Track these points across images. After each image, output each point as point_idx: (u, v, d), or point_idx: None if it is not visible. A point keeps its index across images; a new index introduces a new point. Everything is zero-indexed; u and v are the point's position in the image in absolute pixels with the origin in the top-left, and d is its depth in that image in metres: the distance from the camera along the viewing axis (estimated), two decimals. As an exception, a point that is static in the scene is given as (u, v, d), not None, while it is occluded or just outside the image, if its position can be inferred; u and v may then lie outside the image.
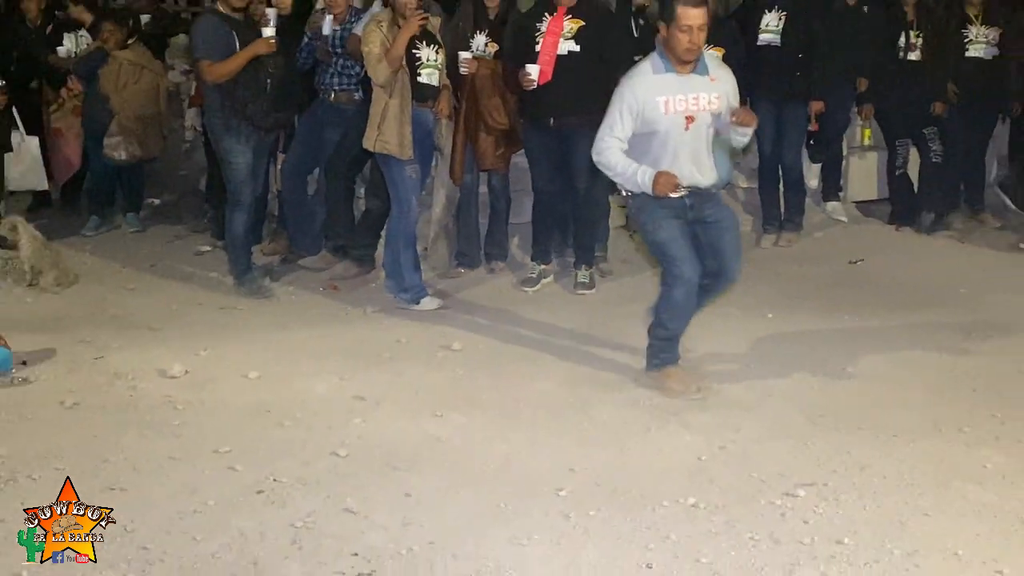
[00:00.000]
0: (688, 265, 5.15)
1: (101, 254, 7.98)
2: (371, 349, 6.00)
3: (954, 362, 5.66)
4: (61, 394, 5.30)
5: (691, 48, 4.93)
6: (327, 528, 4.00)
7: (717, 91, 5.10)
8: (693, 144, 5.12)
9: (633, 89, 5.06)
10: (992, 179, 8.59)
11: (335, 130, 7.11)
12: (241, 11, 6.74)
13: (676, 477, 4.41)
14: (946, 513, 4.06)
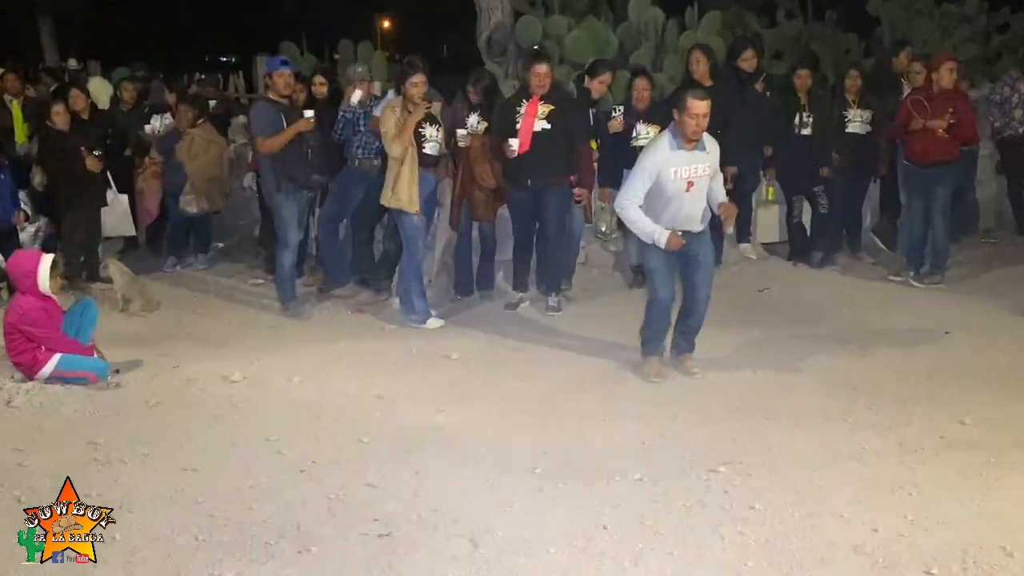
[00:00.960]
0: (664, 291, 5.38)
1: (177, 286, 7.94)
2: (388, 358, 5.99)
3: (838, 365, 5.67)
4: (146, 395, 5.30)
5: (696, 131, 5.11)
6: (354, 499, 4.01)
7: (709, 161, 5.27)
8: (691, 201, 5.26)
9: (653, 159, 5.17)
10: (867, 226, 8.62)
11: (360, 189, 7.11)
12: (286, 98, 6.78)
13: (625, 457, 4.42)
14: (833, 484, 4.08)
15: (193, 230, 8.62)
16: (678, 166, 5.15)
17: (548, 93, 6.67)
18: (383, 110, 6.55)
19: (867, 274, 7.87)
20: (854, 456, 4.35)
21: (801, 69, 8.06)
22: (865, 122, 7.79)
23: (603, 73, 7.27)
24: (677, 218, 5.26)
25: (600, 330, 6.49)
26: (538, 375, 5.63)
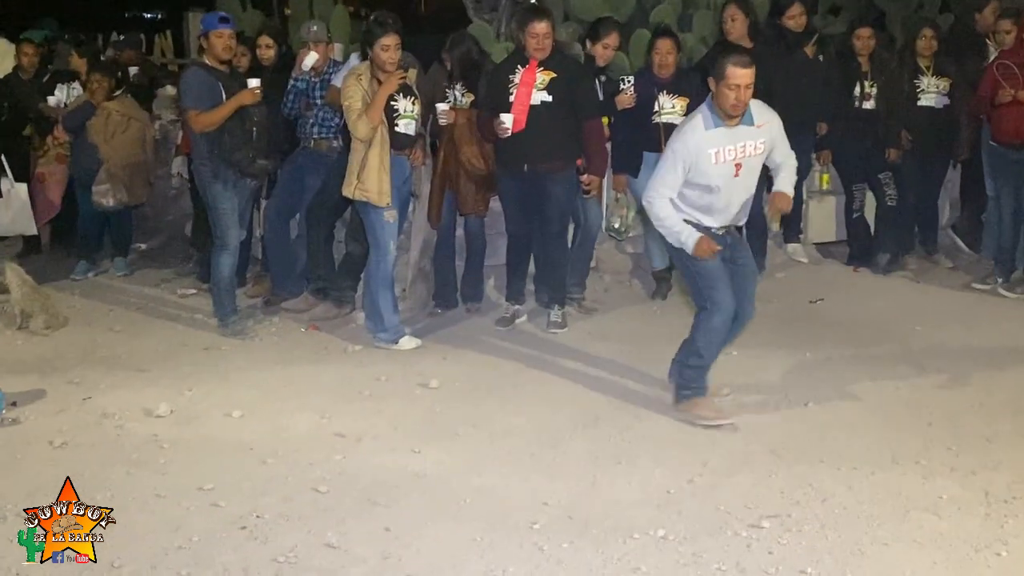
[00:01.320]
0: (728, 294, 5.26)
1: (90, 297, 7.95)
2: (352, 387, 5.99)
3: (910, 396, 5.70)
4: (50, 434, 5.26)
5: (737, 104, 5.08)
6: (309, 563, 3.99)
7: (763, 136, 5.24)
8: (742, 189, 5.28)
9: (686, 143, 5.15)
10: (945, 222, 8.66)
11: (316, 177, 7.14)
12: (226, 64, 6.79)
13: (645, 509, 4.42)
14: (904, 542, 4.08)
15: (109, 228, 8.63)
16: (720, 146, 5.15)
17: (548, 58, 6.70)
18: (346, 79, 6.55)
19: (945, 281, 7.92)
20: (929, 508, 4.36)
21: (862, 28, 8.11)
22: (942, 93, 7.85)
23: (608, 35, 7.32)
24: (727, 212, 5.29)
25: (614, 352, 6.51)
26: (537, 409, 5.62)
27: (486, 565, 3.95)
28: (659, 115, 7.28)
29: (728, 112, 5.13)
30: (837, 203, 8.35)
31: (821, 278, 8.02)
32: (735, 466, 4.85)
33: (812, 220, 8.45)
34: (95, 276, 8.48)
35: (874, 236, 8.17)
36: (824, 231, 8.49)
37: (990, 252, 7.82)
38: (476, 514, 4.38)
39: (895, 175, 7.95)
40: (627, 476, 4.77)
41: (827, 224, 8.47)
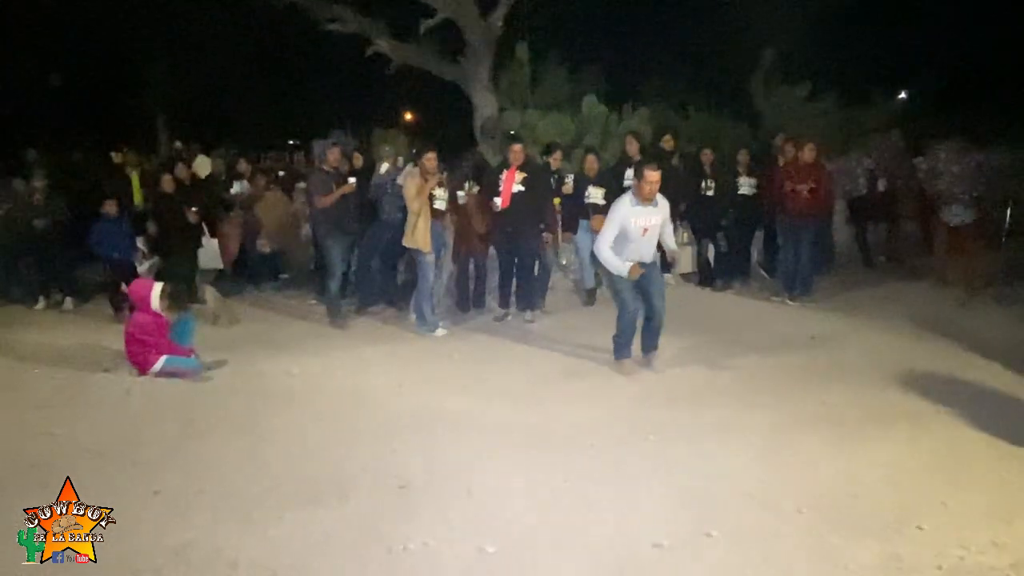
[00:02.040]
0: (633, 304, 5.34)
1: (254, 306, 7.83)
2: (408, 357, 5.93)
3: (735, 362, 5.62)
4: (230, 386, 5.21)
5: (650, 192, 5.15)
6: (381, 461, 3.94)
7: (661, 213, 5.29)
8: (646, 242, 5.29)
9: (620, 212, 5.19)
10: (755, 260, 8.66)
11: (387, 234, 7.08)
12: (335, 168, 6.77)
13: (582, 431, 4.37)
14: (732, 449, 4.01)
15: (267, 264, 8.57)
16: (637, 217, 5.19)
17: (522, 164, 6.68)
18: (406, 177, 6.53)
19: (756, 296, 7.85)
20: (748, 428, 4.32)
21: (706, 149, 8.10)
22: (752, 186, 7.85)
23: (556, 151, 7.33)
24: (637, 254, 5.28)
25: (564, 337, 6.46)
26: (517, 370, 5.58)
27: (494, 467, 3.89)
28: (589, 198, 7.25)
29: (645, 196, 5.16)
30: (692, 250, 8.32)
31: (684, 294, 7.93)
32: (634, 405, 4.82)
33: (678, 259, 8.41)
34: (257, 293, 8.38)
35: (713, 269, 8.15)
36: (685, 266, 8.45)
37: (780, 278, 7.79)
38: (483, 435, 4.30)
39: (725, 233, 7.94)
40: (571, 411, 4.72)
41: (687, 262, 8.42)
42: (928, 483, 3.59)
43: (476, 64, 9.04)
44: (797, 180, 7.18)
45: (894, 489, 3.54)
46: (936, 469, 3.73)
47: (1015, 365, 5.22)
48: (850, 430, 4.23)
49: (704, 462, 3.86)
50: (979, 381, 4.97)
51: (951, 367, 5.27)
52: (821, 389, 4.94)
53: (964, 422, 4.29)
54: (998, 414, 4.39)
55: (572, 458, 3.96)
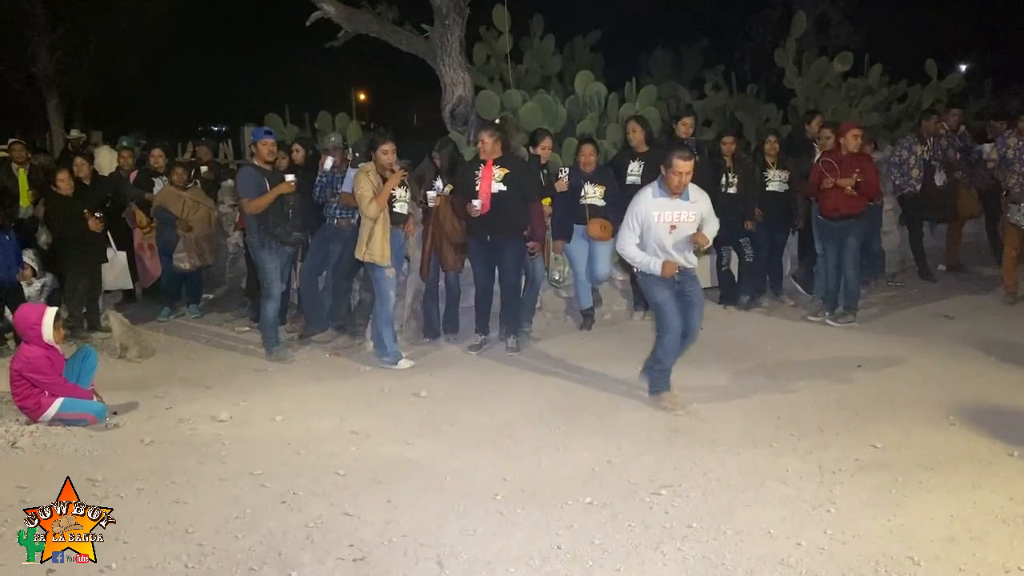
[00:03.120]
0: (675, 319, 5.41)
1: (171, 334, 7.85)
2: (363, 397, 5.94)
3: (765, 396, 5.71)
4: (141, 434, 5.20)
5: (679, 184, 5.28)
6: (331, 527, 3.96)
7: (694, 209, 5.39)
8: (677, 242, 5.37)
9: (639, 205, 5.36)
10: (788, 272, 8.73)
11: (337, 245, 7.12)
12: (269, 164, 6.79)
13: (576, 483, 4.41)
14: (761, 503, 4.10)
15: (185, 283, 8.55)
16: (661, 210, 5.32)
17: (501, 157, 6.74)
18: (357, 175, 6.56)
19: (789, 315, 7.94)
20: (779, 478, 4.38)
21: (726, 136, 8.17)
22: (783, 181, 7.94)
23: (543, 140, 7.34)
24: (665, 256, 5.37)
25: (554, 367, 6.52)
26: (499, 409, 5.60)
27: (461, 527, 3.93)
28: (584, 198, 7.34)
29: (672, 190, 5.27)
30: (711, 260, 8.39)
31: (701, 313, 8.04)
32: (641, 449, 4.86)
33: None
34: (175, 318, 8.38)
35: (737, 283, 8.22)
36: (702, 279, 8.47)
37: (820, 293, 7.88)
38: (454, 488, 4.36)
39: (751, 239, 8.03)
40: (563, 458, 4.76)
41: (704, 274, 8.47)
42: (998, 543, 3.64)
43: (444, 34, 9.08)
44: (837, 173, 7.26)
45: (957, 551, 3.59)
46: (1009, 526, 3.79)
47: (1102, 396, 5.34)
48: (904, 478, 4.30)
49: (727, 521, 3.89)
50: (1059, 417, 5.06)
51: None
52: (870, 428, 5.02)
53: (1041, 467, 4.38)
54: (1083, 457, 4.48)
55: (566, 517, 3.98)
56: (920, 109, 10.41)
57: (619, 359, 6.63)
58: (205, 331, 7.99)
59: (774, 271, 8.43)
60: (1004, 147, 7.79)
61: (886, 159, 9.06)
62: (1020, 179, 7.63)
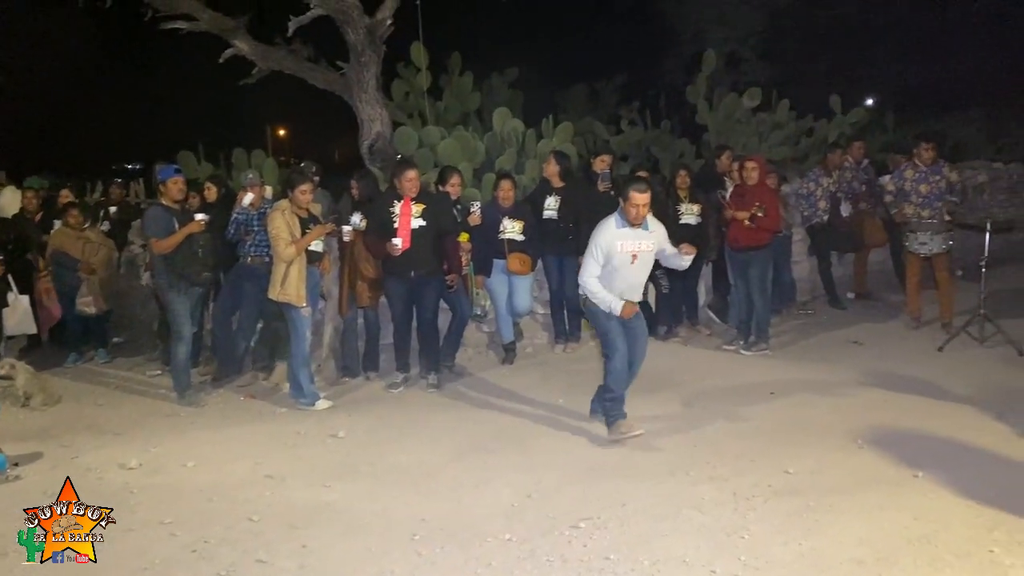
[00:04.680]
0: (622, 342, 5.49)
1: (78, 380, 7.61)
2: (278, 440, 5.82)
3: (681, 424, 5.79)
4: (45, 486, 4.96)
5: (637, 215, 5.40)
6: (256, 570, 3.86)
7: (653, 239, 5.55)
8: (636, 272, 5.53)
9: (603, 236, 5.44)
10: (703, 303, 8.91)
11: (251, 284, 7.00)
12: (179, 202, 6.66)
13: (496, 519, 4.39)
14: (677, 532, 4.14)
15: (91, 327, 8.30)
16: (624, 240, 5.43)
17: (418, 194, 6.76)
18: (272, 214, 6.48)
19: (705, 344, 8.08)
20: (695, 507, 4.43)
21: (641, 171, 8.31)
22: (696, 214, 8.09)
23: (452, 177, 7.36)
24: (626, 284, 5.51)
25: (476, 403, 6.51)
26: (419, 448, 5.56)
27: (378, 569, 3.88)
28: (503, 233, 7.41)
29: (631, 221, 5.41)
30: (630, 292, 8.48)
31: (621, 345, 8.13)
32: (561, 482, 4.86)
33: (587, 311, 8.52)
34: (82, 364, 8.13)
35: (655, 314, 8.31)
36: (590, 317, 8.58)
37: (734, 322, 8.06)
38: (372, 530, 4.30)
39: (667, 271, 8.12)
40: (483, 495, 4.75)
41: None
42: (904, 563, 3.75)
43: (360, 70, 9.11)
44: (740, 206, 7.47)
45: (865, 573, 3.68)
46: (914, 545, 3.91)
47: (1002, 417, 5.57)
48: (816, 503, 4.40)
49: (644, 552, 3.92)
50: (961, 438, 5.26)
51: (929, 423, 5.56)
52: (783, 454, 5.13)
53: (946, 488, 4.52)
54: (984, 476, 4.65)
55: (484, 555, 3.97)
56: (826, 143, 10.85)
57: (541, 392, 6.68)
58: (114, 376, 7.76)
59: (690, 302, 8.57)
60: (901, 180, 8.14)
61: (795, 191, 9.37)
62: (918, 210, 7.97)
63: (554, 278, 7.81)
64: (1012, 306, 8.21)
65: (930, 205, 7.94)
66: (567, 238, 7.60)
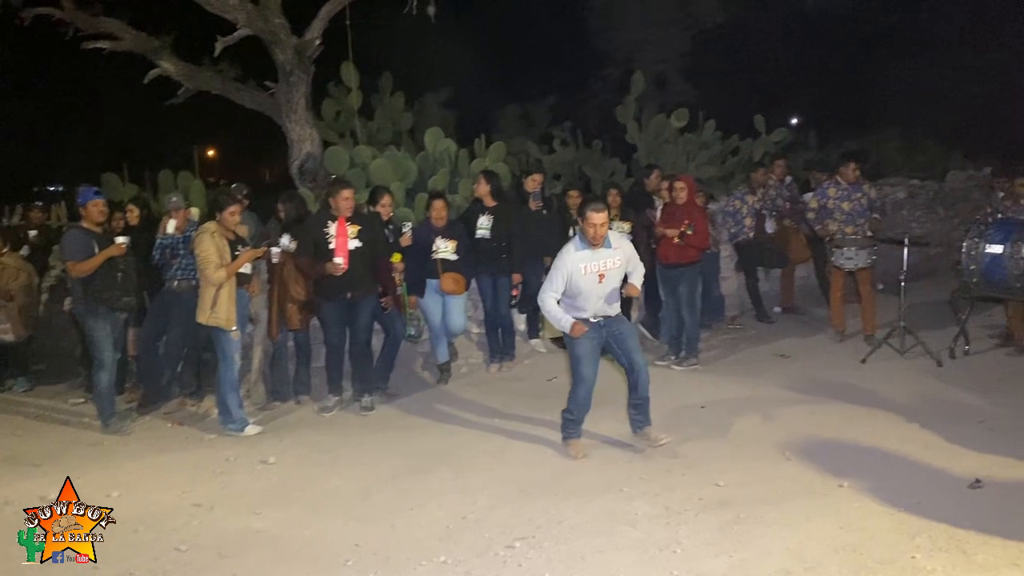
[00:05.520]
0: (589, 370, 5.54)
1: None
2: (207, 467, 5.69)
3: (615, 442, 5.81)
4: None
5: (596, 235, 5.38)
6: (169, 608, 3.74)
7: (618, 255, 5.53)
8: (605, 290, 5.50)
9: (563, 260, 5.43)
10: (635, 319, 8.97)
11: (178, 308, 6.85)
12: (100, 225, 6.48)
13: (432, 542, 4.37)
14: (612, 548, 4.17)
15: (10, 355, 8.00)
16: (587, 262, 5.42)
17: (353, 214, 6.71)
18: (200, 236, 6.35)
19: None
20: (629, 522, 4.47)
21: (572, 190, 8.40)
22: (626, 232, 8.16)
23: (383, 197, 7.32)
24: (596, 305, 5.52)
25: (410, 425, 6.46)
26: (352, 472, 5.49)
27: (311, 597, 3.80)
28: (436, 253, 7.39)
29: (590, 241, 5.40)
30: (564, 309, 8.50)
31: (556, 362, 8.15)
32: (496, 503, 4.86)
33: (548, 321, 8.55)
34: (1, 393, 7.81)
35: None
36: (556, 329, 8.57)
37: (665, 338, 8.15)
38: (303, 558, 4.24)
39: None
40: (418, 518, 4.71)
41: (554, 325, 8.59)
42: (829, 572, 3.84)
43: (289, 91, 9.03)
44: (670, 224, 7.58)
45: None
46: (841, 554, 4.00)
47: (923, 425, 5.75)
48: (745, 515, 4.48)
49: (579, 569, 3.94)
50: (884, 447, 5.42)
51: (854, 433, 5.71)
52: (714, 468, 5.21)
53: (870, 497, 4.65)
54: (907, 484, 4.80)
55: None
56: (751, 162, 11.11)
57: (476, 412, 6.66)
58: (35, 405, 7.49)
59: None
60: (824, 197, 8.38)
61: (722, 209, 9.57)
62: (841, 226, 8.22)
63: (488, 297, 7.81)
64: (930, 318, 8.50)
65: (853, 222, 8.20)
66: (500, 257, 7.62)
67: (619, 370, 6.02)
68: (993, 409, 6.09)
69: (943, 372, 7.14)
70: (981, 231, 7.27)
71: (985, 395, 6.42)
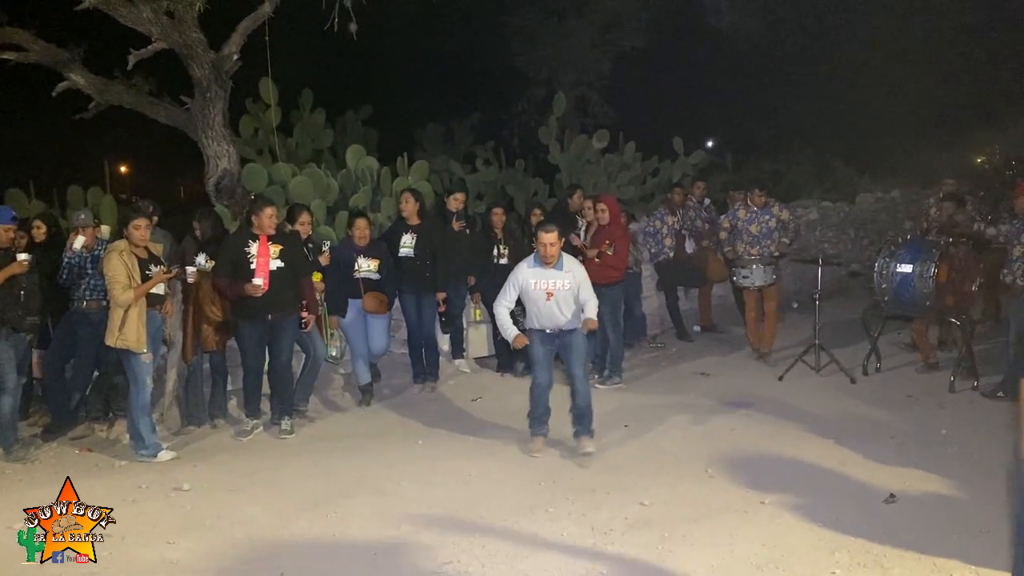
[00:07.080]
0: (542, 375, 6.07)
1: None
2: (118, 495, 5.40)
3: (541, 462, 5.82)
4: None
5: (547, 254, 5.89)
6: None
7: (568, 277, 5.92)
8: (554, 307, 5.93)
9: (516, 274, 6.02)
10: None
11: (86, 329, 6.56)
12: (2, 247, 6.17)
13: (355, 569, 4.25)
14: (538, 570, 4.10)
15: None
16: (537, 279, 5.92)
17: (275, 234, 6.56)
18: (108, 255, 6.10)
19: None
20: (555, 544, 4.44)
21: (497, 208, 8.39)
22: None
23: (301, 215, 7.18)
24: (547, 318, 5.96)
25: (331, 448, 6.31)
26: (271, 498, 5.31)
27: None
28: (359, 272, 7.29)
29: (543, 260, 5.88)
30: (487, 329, 8.52)
31: (479, 382, 8.12)
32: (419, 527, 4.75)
33: (471, 341, 8.55)
34: None
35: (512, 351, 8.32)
36: (480, 348, 8.60)
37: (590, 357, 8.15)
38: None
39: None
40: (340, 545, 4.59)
41: (482, 344, 8.59)
42: (754, 588, 3.88)
43: (206, 106, 8.79)
44: (595, 244, 7.62)
45: (719, 600, 3.78)
46: (763, 570, 4.05)
47: (839, 441, 5.90)
48: (670, 533, 4.50)
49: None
50: (804, 460, 5.54)
51: (774, 449, 5.82)
52: (638, 487, 5.24)
53: (791, 512, 4.74)
54: (826, 499, 4.90)
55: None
56: (670, 182, 11.32)
57: (400, 435, 6.56)
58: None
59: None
60: (735, 218, 8.59)
61: (642, 229, 9.70)
62: (747, 247, 8.43)
63: (412, 316, 7.71)
64: (843, 335, 8.76)
65: (758, 243, 8.42)
66: (424, 276, 7.56)
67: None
68: (904, 425, 6.29)
69: (856, 388, 7.36)
70: (892, 251, 7.54)
71: (896, 411, 6.64)
